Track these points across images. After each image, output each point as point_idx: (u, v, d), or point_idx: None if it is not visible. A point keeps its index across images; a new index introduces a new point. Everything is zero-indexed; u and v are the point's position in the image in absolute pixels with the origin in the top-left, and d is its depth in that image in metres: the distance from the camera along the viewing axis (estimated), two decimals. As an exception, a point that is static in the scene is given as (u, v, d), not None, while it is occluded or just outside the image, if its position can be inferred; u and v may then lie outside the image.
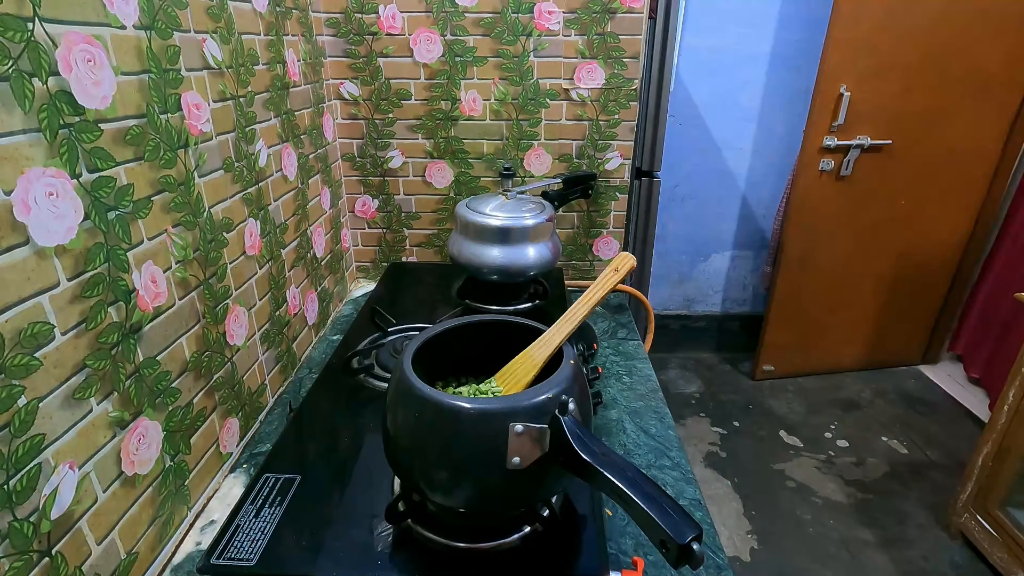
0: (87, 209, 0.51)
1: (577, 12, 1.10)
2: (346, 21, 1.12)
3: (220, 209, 0.74)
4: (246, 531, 0.61)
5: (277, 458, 0.73)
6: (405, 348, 0.61)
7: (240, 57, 0.78)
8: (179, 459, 0.66)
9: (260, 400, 0.87)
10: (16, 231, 0.44)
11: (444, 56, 1.14)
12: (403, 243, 1.34)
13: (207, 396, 0.72)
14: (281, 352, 0.94)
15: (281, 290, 0.94)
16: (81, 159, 0.51)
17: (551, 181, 1.20)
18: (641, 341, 1.10)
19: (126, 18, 0.56)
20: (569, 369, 0.56)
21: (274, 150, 0.90)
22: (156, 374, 0.61)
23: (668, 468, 0.77)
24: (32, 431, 0.46)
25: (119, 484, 0.56)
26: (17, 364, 0.44)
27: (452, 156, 1.24)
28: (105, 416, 0.54)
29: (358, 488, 0.68)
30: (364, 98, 1.19)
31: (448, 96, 1.18)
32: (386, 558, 0.59)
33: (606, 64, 1.14)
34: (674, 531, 0.43)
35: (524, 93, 1.17)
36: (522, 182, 1.25)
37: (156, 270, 0.61)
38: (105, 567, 0.55)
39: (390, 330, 1.01)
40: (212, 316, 0.72)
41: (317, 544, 0.60)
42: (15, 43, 0.44)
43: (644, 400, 0.92)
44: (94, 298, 0.52)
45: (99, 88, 0.52)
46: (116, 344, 0.55)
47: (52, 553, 0.48)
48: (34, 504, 0.46)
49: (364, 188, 1.28)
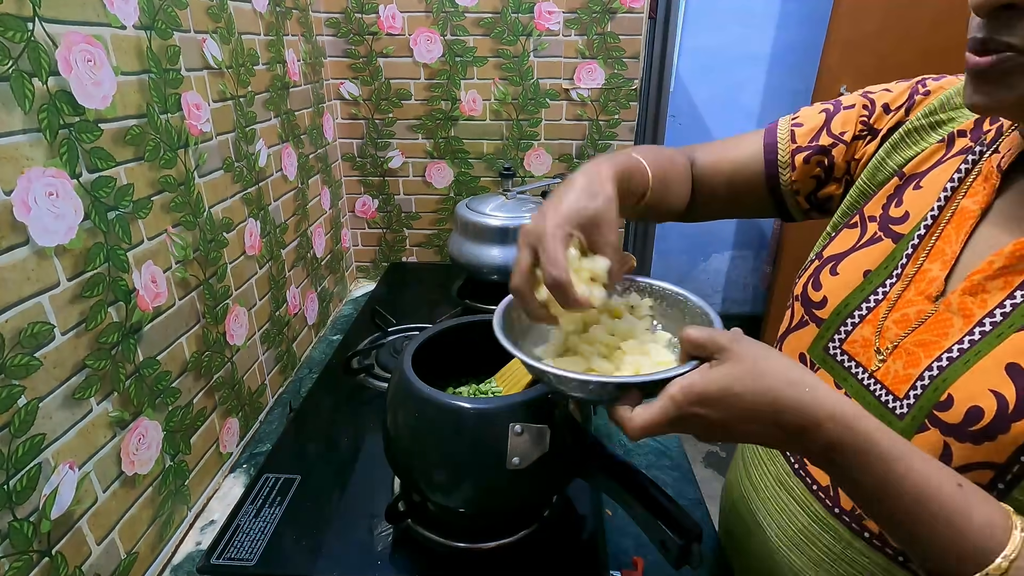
0: (87, 209, 0.51)
1: (577, 12, 1.10)
2: (346, 21, 1.12)
3: (220, 209, 0.74)
4: (246, 531, 0.61)
5: (277, 458, 0.73)
6: (405, 348, 0.61)
7: (240, 57, 0.78)
8: (179, 459, 0.66)
9: (260, 400, 0.87)
10: (16, 231, 0.44)
11: (444, 56, 1.14)
12: (403, 243, 1.34)
13: (207, 396, 0.72)
14: (281, 352, 0.94)
15: (281, 290, 0.94)
16: (81, 159, 0.51)
17: (551, 181, 1.20)
18: (641, 341, 1.10)
19: (126, 18, 0.56)
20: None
21: (274, 150, 0.90)
22: (156, 374, 0.61)
23: (668, 468, 0.77)
24: (32, 431, 0.46)
25: (119, 484, 0.56)
26: (17, 364, 0.44)
27: (452, 156, 1.24)
28: (105, 416, 0.54)
29: (358, 488, 0.68)
30: (364, 98, 1.19)
31: (448, 96, 1.18)
32: (386, 558, 0.59)
33: (606, 64, 1.14)
34: (674, 531, 0.43)
35: (524, 93, 1.17)
36: (522, 182, 1.25)
37: (156, 270, 0.61)
38: (105, 567, 0.55)
39: (390, 330, 1.01)
40: (212, 316, 0.72)
41: (317, 544, 0.60)
42: (15, 43, 0.44)
43: (644, 400, 0.91)
44: (94, 298, 0.52)
45: (99, 88, 0.52)
46: (116, 344, 0.55)
47: (52, 553, 0.48)
48: (34, 504, 0.46)
49: (364, 188, 1.28)
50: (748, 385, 0.35)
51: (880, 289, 0.45)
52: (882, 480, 0.34)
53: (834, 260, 0.49)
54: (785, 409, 0.35)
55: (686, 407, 0.36)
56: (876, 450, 0.34)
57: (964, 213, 0.42)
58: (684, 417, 0.36)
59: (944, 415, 0.37)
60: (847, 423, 0.34)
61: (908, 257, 0.44)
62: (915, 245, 0.44)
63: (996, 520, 0.32)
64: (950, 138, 0.47)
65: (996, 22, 0.33)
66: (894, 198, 0.48)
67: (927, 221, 0.44)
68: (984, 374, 0.36)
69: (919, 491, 0.33)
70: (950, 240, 0.42)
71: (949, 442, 0.36)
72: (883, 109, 0.52)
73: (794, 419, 0.35)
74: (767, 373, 0.35)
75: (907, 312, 0.42)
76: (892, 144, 0.50)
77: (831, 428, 0.34)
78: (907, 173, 0.48)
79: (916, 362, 0.40)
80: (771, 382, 0.35)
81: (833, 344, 0.47)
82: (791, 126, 0.57)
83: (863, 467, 0.34)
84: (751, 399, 0.35)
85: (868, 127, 0.52)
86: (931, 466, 0.34)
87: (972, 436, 0.35)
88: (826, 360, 0.47)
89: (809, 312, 0.49)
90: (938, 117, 0.48)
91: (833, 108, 0.55)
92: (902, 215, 0.46)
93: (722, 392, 0.35)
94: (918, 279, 0.43)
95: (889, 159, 0.50)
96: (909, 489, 0.33)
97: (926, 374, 0.39)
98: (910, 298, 0.42)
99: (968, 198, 0.42)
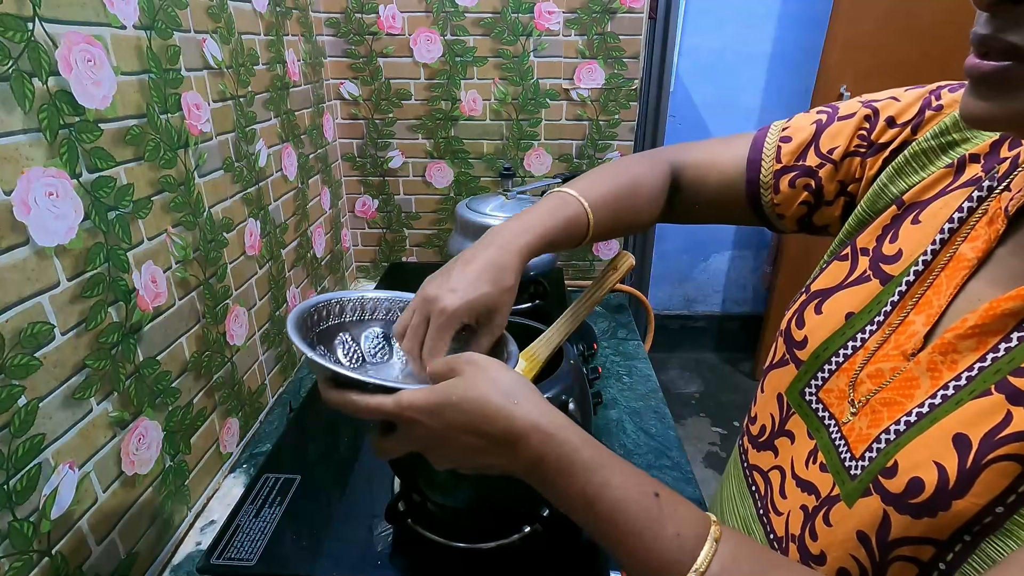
0: (87, 209, 0.51)
1: (577, 12, 1.10)
2: (346, 21, 1.12)
3: (220, 209, 0.74)
4: (246, 531, 0.61)
5: (277, 458, 0.73)
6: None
7: (240, 57, 0.78)
8: (179, 459, 0.66)
9: (260, 400, 0.87)
10: (16, 231, 0.44)
11: (444, 56, 1.14)
12: (403, 243, 1.34)
13: (207, 396, 0.72)
14: (281, 352, 0.94)
15: (281, 290, 0.94)
16: (81, 159, 0.51)
17: (551, 181, 1.20)
18: (641, 341, 1.10)
19: (126, 18, 0.56)
20: (569, 369, 0.56)
21: (274, 150, 0.90)
22: (156, 374, 0.61)
23: (668, 468, 0.77)
24: (32, 431, 0.46)
25: (119, 484, 0.56)
26: (17, 364, 0.44)
27: (452, 156, 1.24)
28: (105, 416, 0.54)
29: (358, 488, 0.68)
30: (364, 98, 1.19)
31: (448, 96, 1.18)
32: (386, 558, 0.59)
33: (606, 64, 1.14)
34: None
35: (524, 93, 1.17)
36: (522, 182, 1.25)
37: (156, 270, 0.61)
38: (105, 567, 0.55)
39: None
40: (212, 316, 0.72)
41: (317, 544, 0.60)
42: (15, 43, 0.44)
43: (644, 400, 0.92)
44: (94, 298, 0.52)
45: (99, 88, 0.52)
46: (116, 344, 0.55)
47: (52, 553, 0.48)
48: (34, 504, 0.46)
49: (364, 188, 1.28)
50: (461, 394, 0.36)
51: (860, 335, 0.41)
52: (582, 491, 0.34)
53: (820, 297, 0.45)
54: (494, 417, 0.35)
55: (407, 414, 0.37)
56: (579, 460, 0.34)
57: (960, 261, 0.37)
58: (405, 424, 0.38)
59: (887, 483, 0.33)
60: (550, 433, 0.34)
61: (893, 305, 0.40)
62: (902, 292, 0.39)
63: (689, 531, 0.32)
64: (960, 163, 0.41)
65: (999, 18, 0.28)
66: (890, 230, 0.43)
67: (918, 266, 0.39)
68: (932, 442, 0.32)
69: (616, 502, 0.33)
70: (940, 291, 0.37)
71: (888, 511, 0.33)
72: (887, 122, 0.46)
73: (502, 429, 0.35)
74: (484, 382, 0.36)
75: (882, 367, 0.38)
76: (896, 168, 0.45)
77: (536, 439, 0.34)
78: (907, 201, 0.43)
79: (879, 422, 0.36)
80: (484, 390, 0.36)
81: (810, 389, 0.43)
82: (779, 140, 0.52)
83: (566, 478, 0.34)
84: (466, 407, 0.35)
85: (867, 141, 0.47)
86: (631, 477, 0.34)
87: (911, 509, 0.32)
88: (801, 405, 0.44)
89: (790, 351, 0.46)
90: (949, 138, 0.42)
91: (827, 118, 0.50)
92: (895, 253, 0.42)
93: (440, 400, 0.36)
94: (900, 331, 0.38)
95: (891, 185, 0.45)
96: (607, 499, 0.33)
97: (883, 436, 0.36)
98: (887, 352, 0.38)
99: (968, 243, 0.37)
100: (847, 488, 0.37)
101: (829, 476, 0.39)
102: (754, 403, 0.51)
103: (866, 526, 0.34)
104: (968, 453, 0.30)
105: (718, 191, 0.57)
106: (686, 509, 0.34)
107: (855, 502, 0.36)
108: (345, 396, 0.39)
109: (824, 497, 0.39)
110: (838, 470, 0.38)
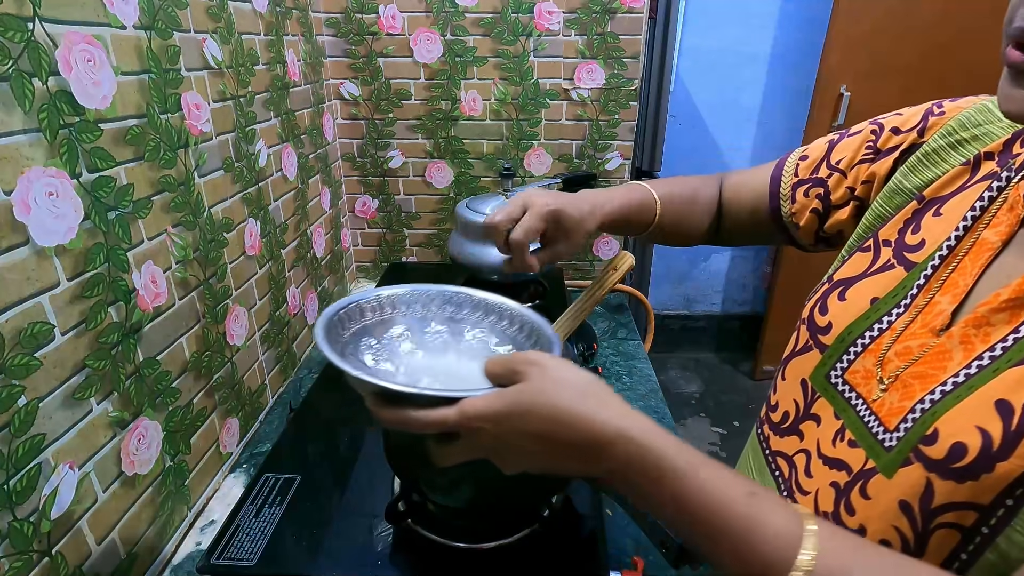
0: (87, 209, 0.51)
1: (577, 12, 1.10)
2: (346, 21, 1.12)
3: (220, 209, 0.74)
4: (246, 531, 0.61)
5: (277, 458, 0.73)
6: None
7: (240, 57, 0.78)
8: (179, 459, 0.66)
9: (260, 400, 0.87)
10: (16, 231, 0.44)
11: (444, 56, 1.14)
12: (403, 243, 1.34)
13: (207, 396, 0.72)
14: (281, 352, 0.94)
15: (281, 290, 0.94)
16: (81, 159, 0.51)
17: (551, 181, 1.20)
18: (641, 341, 1.10)
19: (126, 18, 0.56)
20: (569, 369, 0.56)
21: (274, 150, 0.90)
22: (156, 374, 0.61)
23: (668, 468, 0.77)
24: (32, 431, 0.46)
25: (119, 484, 0.56)
26: (17, 364, 0.44)
27: (452, 156, 1.24)
28: (105, 416, 0.54)
29: (358, 488, 0.68)
30: (364, 98, 1.19)
31: (448, 96, 1.18)
32: (386, 558, 0.59)
33: (606, 64, 1.14)
34: (674, 531, 0.43)
35: (524, 93, 1.17)
36: (522, 182, 1.25)
37: (156, 270, 0.61)
38: (105, 567, 0.55)
39: (390, 330, 1.01)
40: (212, 316, 0.72)
41: (317, 544, 0.60)
42: (15, 43, 0.44)
43: (644, 400, 0.92)
44: (94, 298, 0.52)
45: (99, 88, 0.52)
46: (116, 344, 0.55)
47: (52, 553, 0.48)
48: (34, 504, 0.46)
49: (364, 188, 1.28)
50: (528, 399, 0.35)
51: (886, 318, 0.43)
52: (672, 497, 0.34)
53: (843, 285, 0.47)
54: (571, 424, 0.34)
55: (473, 424, 0.36)
56: (668, 466, 0.34)
57: (983, 245, 0.39)
58: (471, 433, 0.37)
59: (928, 450, 0.35)
60: (637, 439, 0.34)
61: (919, 288, 0.41)
62: (928, 276, 0.41)
63: (787, 529, 0.32)
64: (975, 161, 0.44)
65: None
66: (911, 223, 0.45)
67: (942, 251, 0.41)
68: (973, 409, 0.34)
69: (710, 506, 0.33)
70: (965, 272, 0.39)
71: (931, 478, 0.34)
72: (892, 131, 0.50)
73: (583, 436, 0.34)
74: (551, 385, 0.35)
75: (910, 345, 0.40)
76: (909, 167, 0.48)
77: (622, 447, 0.34)
78: (927, 197, 0.45)
79: (911, 394, 0.38)
80: (553, 395, 0.35)
81: (835, 372, 0.45)
82: (798, 159, 0.58)
83: (656, 484, 0.34)
84: (536, 414, 0.35)
85: (874, 149, 0.51)
86: (723, 479, 0.34)
87: (955, 473, 0.33)
88: (827, 388, 0.45)
89: (814, 337, 0.48)
90: (958, 136, 0.45)
91: (839, 137, 0.56)
92: (918, 242, 0.44)
93: (507, 408, 0.35)
94: (926, 312, 0.40)
95: (906, 181, 0.47)
96: (701, 504, 0.33)
97: (918, 407, 0.37)
98: (914, 331, 0.40)
99: (990, 229, 0.39)
100: (883, 460, 0.38)
101: (861, 451, 0.40)
102: (774, 392, 0.52)
103: (908, 495, 0.35)
104: (1012, 417, 0.32)
105: (751, 208, 0.63)
106: (783, 508, 0.34)
107: (895, 472, 0.36)
108: (401, 414, 0.38)
109: (857, 471, 0.39)
110: (871, 444, 0.39)
